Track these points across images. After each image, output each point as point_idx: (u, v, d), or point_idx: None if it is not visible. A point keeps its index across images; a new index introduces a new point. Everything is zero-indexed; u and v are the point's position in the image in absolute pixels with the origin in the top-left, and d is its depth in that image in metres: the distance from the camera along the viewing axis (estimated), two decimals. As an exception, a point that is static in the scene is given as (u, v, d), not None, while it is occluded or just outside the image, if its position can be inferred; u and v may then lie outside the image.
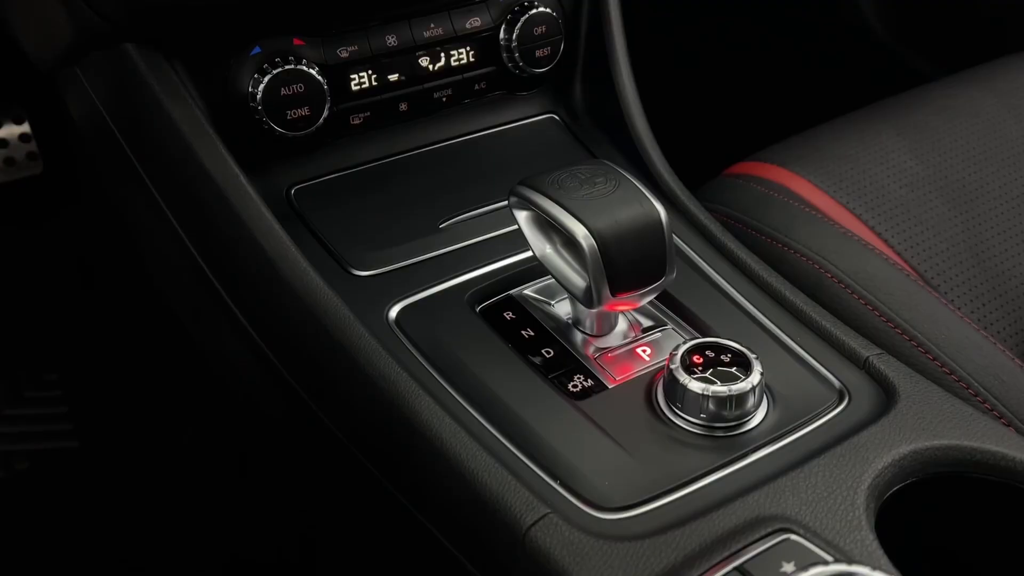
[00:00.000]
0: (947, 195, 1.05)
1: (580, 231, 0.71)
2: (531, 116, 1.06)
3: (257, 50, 0.87)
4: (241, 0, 0.82)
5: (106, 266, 1.36)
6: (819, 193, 1.04)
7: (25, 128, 1.39)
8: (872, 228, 1.00)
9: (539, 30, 0.98)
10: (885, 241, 0.99)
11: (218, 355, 1.01)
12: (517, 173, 0.80)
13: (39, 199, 1.50)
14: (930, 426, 0.74)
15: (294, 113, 0.88)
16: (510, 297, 0.85)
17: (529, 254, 0.81)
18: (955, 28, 1.87)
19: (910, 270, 0.96)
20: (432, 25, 0.94)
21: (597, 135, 1.05)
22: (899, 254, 0.98)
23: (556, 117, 1.07)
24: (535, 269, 0.84)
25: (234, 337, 0.88)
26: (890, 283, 0.94)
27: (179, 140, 0.82)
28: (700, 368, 0.73)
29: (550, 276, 0.79)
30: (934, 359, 0.87)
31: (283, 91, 0.86)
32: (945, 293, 0.95)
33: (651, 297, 0.77)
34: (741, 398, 0.72)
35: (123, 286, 1.31)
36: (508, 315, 0.83)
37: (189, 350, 1.13)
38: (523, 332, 0.82)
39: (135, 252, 1.12)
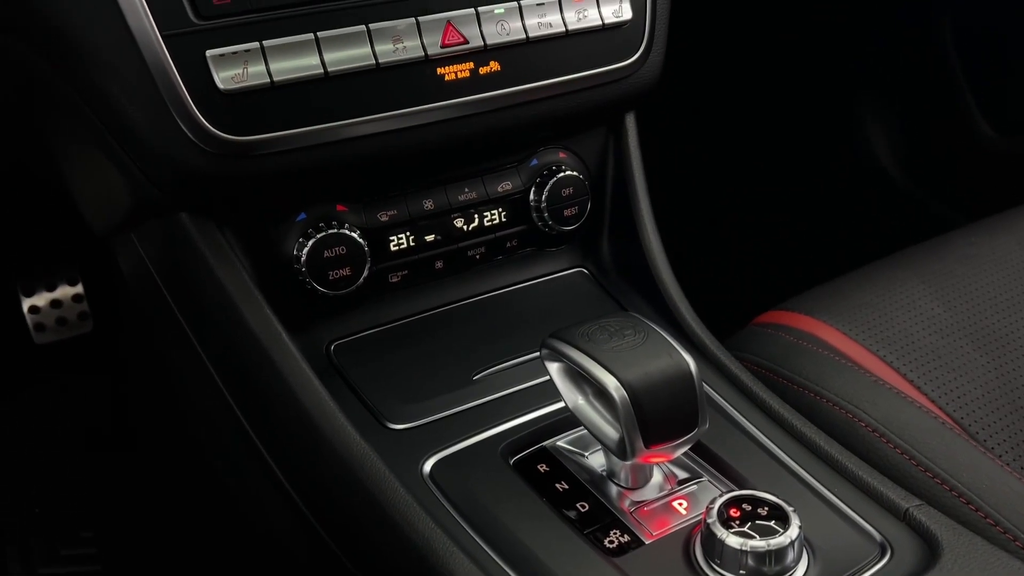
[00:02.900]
0: (978, 342, 1.05)
1: (611, 382, 0.73)
2: (561, 270, 1.09)
3: (302, 216, 0.92)
4: (289, 175, 0.87)
5: (145, 422, 1.39)
6: (849, 341, 1.04)
7: (78, 289, 1.46)
8: (905, 376, 1.00)
9: (567, 191, 1.03)
10: (919, 389, 0.99)
11: (253, 507, 1.01)
12: (548, 325, 0.82)
13: (86, 355, 1.55)
14: (978, 581, 0.72)
15: (336, 274, 0.91)
16: (543, 449, 0.86)
17: (561, 404, 0.82)
18: (972, 173, 1.92)
19: (946, 418, 0.95)
20: (467, 190, 0.99)
21: (625, 288, 1.08)
22: (934, 402, 0.97)
23: (585, 271, 1.10)
24: (568, 420, 0.85)
25: (270, 491, 0.89)
26: (926, 432, 0.93)
27: (226, 301, 0.86)
28: (738, 521, 0.73)
29: (583, 427, 0.80)
30: (976, 509, 0.85)
31: (326, 253, 0.90)
32: (984, 441, 0.94)
33: (685, 448, 0.77)
34: (780, 553, 0.71)
35: (161, 442, 1.33)
36: (542, 467, 0.83)
37: (225, 506, 1.13)
38: (557, 485, 0.82)
39: (175, 408, 1.14)
